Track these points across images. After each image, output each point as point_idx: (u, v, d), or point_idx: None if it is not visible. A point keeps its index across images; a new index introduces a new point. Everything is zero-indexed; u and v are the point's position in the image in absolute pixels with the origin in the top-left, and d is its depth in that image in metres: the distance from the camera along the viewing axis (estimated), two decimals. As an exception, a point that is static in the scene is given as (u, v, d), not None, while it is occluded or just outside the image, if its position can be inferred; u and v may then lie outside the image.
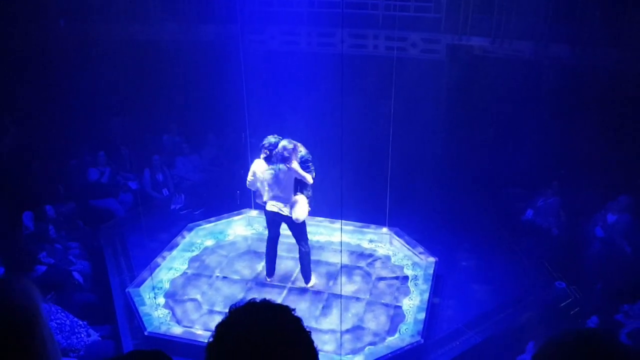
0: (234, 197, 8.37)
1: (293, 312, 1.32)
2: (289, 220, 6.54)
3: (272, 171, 6.34)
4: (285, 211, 6.47)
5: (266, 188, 6.48)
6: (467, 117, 8.55)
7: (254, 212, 8.26)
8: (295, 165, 6.31)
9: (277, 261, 7.04)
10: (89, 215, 8.41)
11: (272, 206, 6.52)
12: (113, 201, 8.72)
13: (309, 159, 6.48)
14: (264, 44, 9.21)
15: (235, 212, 8.33)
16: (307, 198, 6.55)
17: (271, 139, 6.38)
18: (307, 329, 1.31)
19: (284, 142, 6.30)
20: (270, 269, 7.00)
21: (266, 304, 1.32)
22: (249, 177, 6.57)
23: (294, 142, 6.39)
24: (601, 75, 7.48)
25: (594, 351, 1.18)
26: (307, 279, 6.88)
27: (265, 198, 6.56)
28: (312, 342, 1.29)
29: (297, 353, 1.23)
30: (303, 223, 6.55)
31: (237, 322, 1.28)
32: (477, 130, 8.41)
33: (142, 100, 8.91)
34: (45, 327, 1.25)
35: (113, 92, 8.33)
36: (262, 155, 6.46)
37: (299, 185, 6.50)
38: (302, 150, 6.45)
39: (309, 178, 6.38)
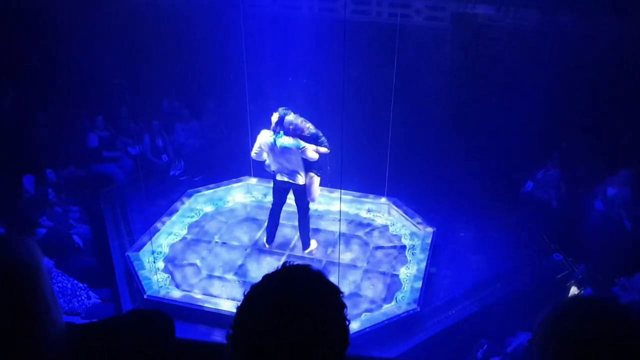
0: (233, 164, 8.37)
1: (329, 281, 1.26)
2: (296, 188, 6.54)
3: (275, 142, 6.27)
4: (293, 179, 6.46)
5: (272, 159, 6.45)
6: (469, 87, 8.45)
7: (253, 180, 8.26)
8: (305, 145, 6.25)
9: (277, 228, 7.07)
10: (89, 180, 8.42)
11: (281, 175, 6.51)
12: (113, 166, 8.71)
13: (319, 134, 6.39)
14: (265, 8, 9.05)
15: (234, 179, 8.33)
16: (319, 177, 6.56)
17: (279, 110, 6.29)
18: (343, 302, 1.25)
19: (289, 117, 6.24)
20: (271, 236, 7.03)
21: (301, 269, 1.25)
22: (255, 149, 6.50)
23: (300, 118, 6.30)
24: (606, 45, 7.37)
25: (597, 317, 1.18)
26: (305, 245, 6.92)
27: (273, 168, 6.54)
28: (344, 315, 1.23)
29: (329, 321, 1.19)
30: (308, 192, 6.56)
31: (269, 285, 1.22)
32: (479, 100, 8.32)
33: (142, 65, 8.82)
34: (46, 284, 1.24)
35: (112, 56, 8.23)
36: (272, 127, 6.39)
37: (310, 163, 6.45)
38: (309, 127, 6.34)
39: (323, 150, 6.36)
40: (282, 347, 1.11)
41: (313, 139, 6.34)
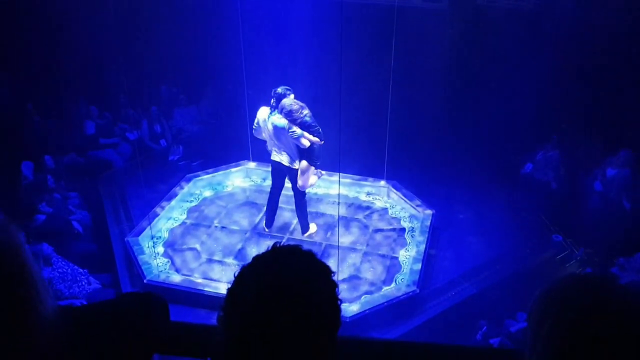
0: (232, 148, 8.35)
1: (320, 260, 1.24)
2: (290, 171, 6.51)
3: (269, 121, 6.26)
4: (286, 161, 6.43)
5: (267, 137, 6.43)
6: (468, 69, 8.40)
7: (252, 164, 8.25)
8: (295, 129, 6.13)
9: (277, 212, 7.07)
10: (88, 166, 8.41)
11: (275, 155, 6.48)
12: (111, 152, 8.70)
13: (313, 123, 6.18)
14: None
15: (233, 164, 8.32)
16: (315, 166, 6.45)
17: (279, 89, 6.23)
18: (335, 281, 1.23)
19: (287, 100, 6.15)
20: (270, 220, 7.02)
21: (291, 249, 1.24)
22: (254, 125, 6.47)
23: (299, 103, 6.20)
24: (606, 26, 7.31)
25: (595, 293, 1.16)
26: (304, 229, 6.92)
27: (269, 147, 6.52)
28: (336, 293, 1.21)
29: (320, 300, 1.16)
30: (298, 178, 6.52)
31: (259, 266, 1.21)
32: (478, 83, 8.27)
33: (139, 50, 8.75)
34: (32, 268, 1.22)
35: (109, 41, 8.16)
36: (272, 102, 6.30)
37: (305, 151, 6.33)
38: (306, 114, 6.16)
39: (313, 139, 6.18)
40: (273, 327, 1.10)
41: (305, 127, 6.16)
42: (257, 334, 1.10)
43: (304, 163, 6.40)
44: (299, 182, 6.49)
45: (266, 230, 7.06)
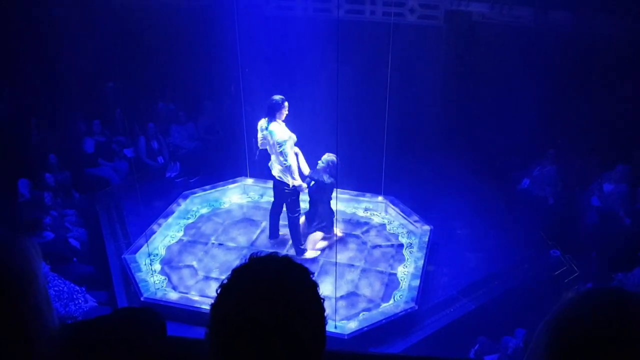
0: (229, 165, 8.35)
1: (298, 263, 1.23)
2: (277, 183, 6.54)
3: (262, 133, 6.30)
4: (276, 173, 6.44)
5: (269, 151, 6.47)
6: (464, 85, 8.46)
7: (249, 181, 8.24)
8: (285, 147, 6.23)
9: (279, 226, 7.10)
10: (85, 183, 8.39)
11: (273, 170, 6.50)
12: (108, 169, 8.69)
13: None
14: (259, 9, 9.04)
15: (230, 180, 8.31)
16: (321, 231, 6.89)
17: (278, 98, 6.26)
18: (314, 281, 1.22)
19: (331, 157, 6.58)
20: (271, 232, 7.06)
21: (268, 257, 1.23)
22: (259, 139, 6.48)
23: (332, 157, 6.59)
24: (601, 42, 7.38)
25: (625, 308, 1.06)
26: (297, 251, 6.80)
27: (270, 162, 6.55)
28: (317, 292, 1.21)
29: (303, 301, 1.16)
30: (295, 192, 6.52)
31: (240, 278, 1.19)
32: (475, 98, 8.32)
33: (136, 66, 8.80)
34: (40, 291, 1.21)
35: (107, 58, 8.21)
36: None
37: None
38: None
39: (293, 169, 6.35)
40: (258, 335, 1.08)
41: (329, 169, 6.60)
42: (243, 345, 1.09)
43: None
44: (307, 245, 6.85)
45: (271, 241, 7.10)
